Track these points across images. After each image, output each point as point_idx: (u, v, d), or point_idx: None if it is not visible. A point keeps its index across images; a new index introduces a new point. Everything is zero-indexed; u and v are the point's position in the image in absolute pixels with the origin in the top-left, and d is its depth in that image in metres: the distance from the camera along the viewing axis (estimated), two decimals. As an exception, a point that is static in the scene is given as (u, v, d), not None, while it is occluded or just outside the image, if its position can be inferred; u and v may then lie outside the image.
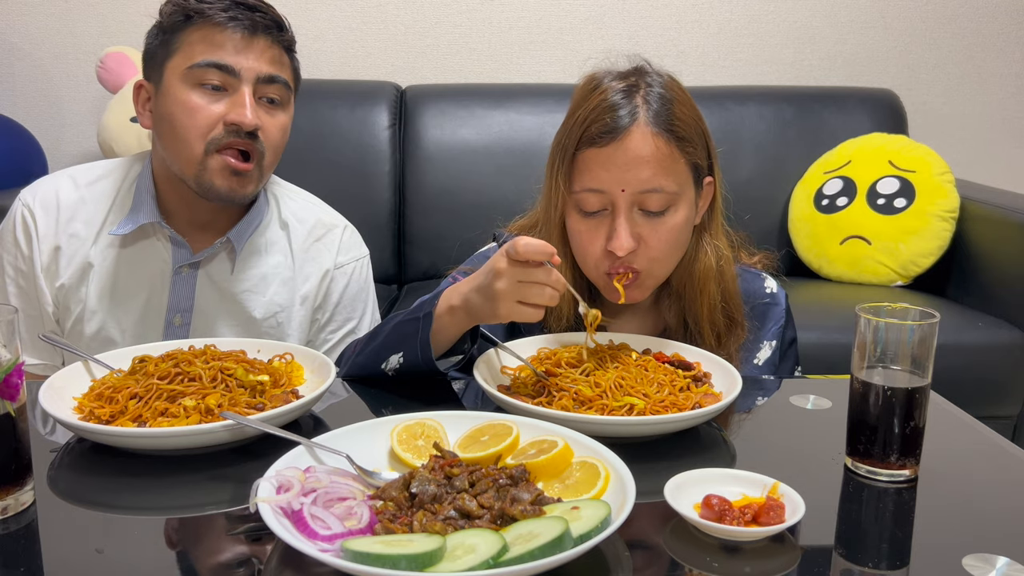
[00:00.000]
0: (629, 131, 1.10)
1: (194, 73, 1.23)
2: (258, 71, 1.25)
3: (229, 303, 1.35)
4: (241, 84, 1.24)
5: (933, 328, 0.86)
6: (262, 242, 1.38)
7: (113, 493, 0.84)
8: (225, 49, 1.23)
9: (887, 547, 0.77)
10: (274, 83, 1.27)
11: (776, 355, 1.28)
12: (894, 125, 2.65)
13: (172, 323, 1.33)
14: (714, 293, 1.20)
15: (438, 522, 0.71)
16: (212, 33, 1.23)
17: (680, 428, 0.95)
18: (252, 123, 1.23)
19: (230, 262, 1.35)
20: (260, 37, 1.25)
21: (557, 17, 2.82)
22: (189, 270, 1.33)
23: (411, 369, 1.07)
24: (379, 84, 2.65)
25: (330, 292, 1.42)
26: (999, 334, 2.05)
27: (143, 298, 1.33)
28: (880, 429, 0.87)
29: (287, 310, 1.39)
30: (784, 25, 2.88)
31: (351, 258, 1.45)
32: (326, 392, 0.99)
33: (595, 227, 1.15)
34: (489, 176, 2.50)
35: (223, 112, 1.24)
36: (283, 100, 1.30)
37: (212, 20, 1.23)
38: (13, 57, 2.74)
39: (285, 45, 1.30)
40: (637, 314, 1.27)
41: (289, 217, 1.41)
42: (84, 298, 1.31)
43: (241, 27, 1.24)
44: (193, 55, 1.23)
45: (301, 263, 1.40)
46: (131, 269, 1.32)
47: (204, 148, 1.24)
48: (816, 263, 2.48)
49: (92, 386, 1.00)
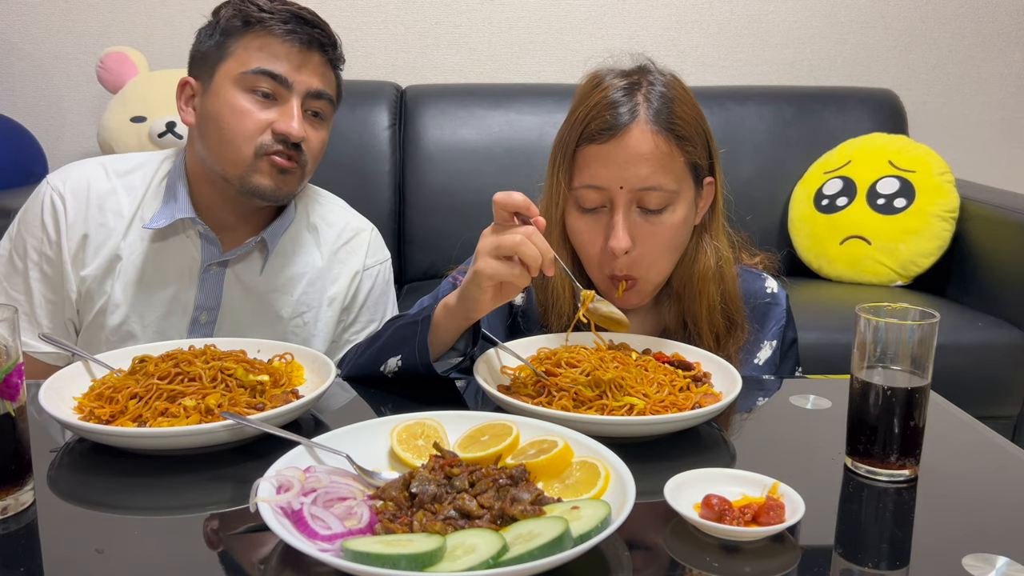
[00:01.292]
0: (629, 128, 1.10)
1: (247, 79, 1.26)
2: (309, 85, 1.28)
3: (256, 302, 1.37)
4: (291, 96, 1.27)
5: (933, 328, 0.86)
6: (290, 244, 1.40)
7: (113, 493, 0.84)
8: (281, 60, 1.26)
9: (887, 547, 0.77)
10: (321, 99, 1.31)
11: (776, 355, 1.28)
12: (894, 125, 2.65)
13: (198, 320, 1.34)
14: (713, 294, 1.20)
15: (438, 522, 0.71)
16: (270, 43, 1.26)
17: (680, 428, 0.95)
18: (299, 135, 1.26)
19: (261, 261, 1.37)
20: (315, 53, 1.29)
21: (557, 17, 2.82)
22: (218, 268, 1.34)
23: (410, 372, 1.07)
24: (379, 84, 2.65)
25: (358, 293, 1.45)
26: (999, 334, 2.05)
27: (169, 294, 1.33)
28: (880, 429, 0.87)
29: (314, 310, 1.40)
30: (784, 25, 2.88)
31: (377, 261, 1.48)
32: (326, 392, 0.99)
33: (594, 225, 1.15)
34: (489, 176, 2.50)
35: (271, 120, 1.26)
36: (326, 115, 1.34)
37: (271, 31, 1.26)
38: (13, 57, 2.74)
39: (334, 64, 1.34)
40: (637, 315, 1.27)
41: (318, 220, 1.44)
42: (109, 290, 1.32)
43: (299, 41, 1.27)
44: (249, 61, 1.26)
45: (329, 264, 1.42)
46: (159, 264, 1.33)
47: (253, 151, 1.26)
48: (816, 263, 2.48)
49: (92, 386, 1.00)
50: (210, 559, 0.73)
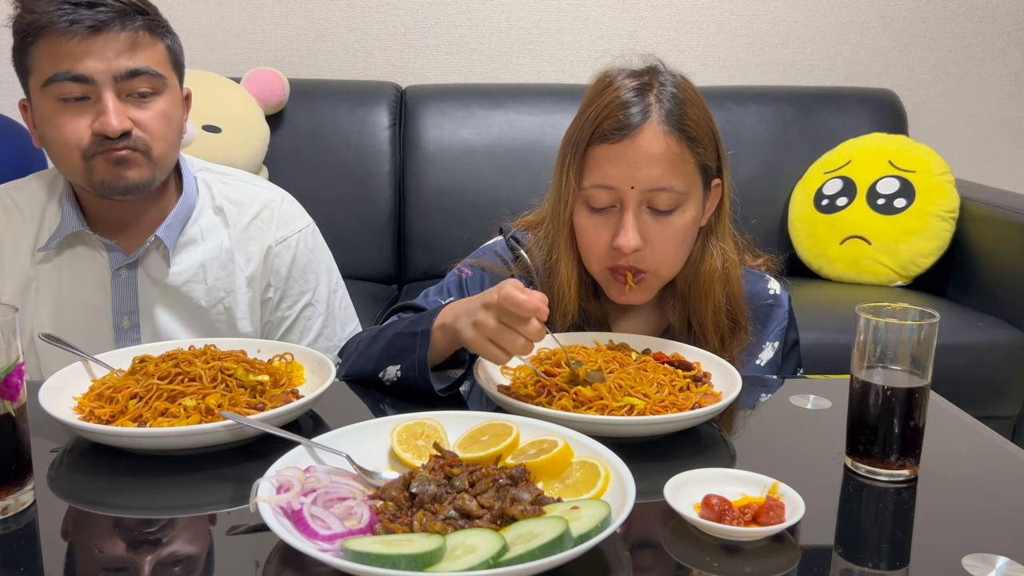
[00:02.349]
0: (641, 129, 1.10)
1: (51, 90, 1.18)
2: (114, 70, 1.18)
3: (172, 297, 1.33)
4: (101, 89, 1.18)
5: (933, 328, 0.86)
6: (196, 231, 1.35)
7: (113, 493, 0.84)
8: (74, 56, 1.16)
9: (887, 547, 0.77)
10: (138, 75, 1.20)
11: (778, 356, 1.28)
12: (894, 125, 2.65)
13: (121, 326, 1.31)
14: (719, 296, 1.20)
15: (438, 522, 0.71)
16: (58, 42, 1.16)
17: (680, 428, 0.95)
18: (117, 129, 1.18)
19: (164, 257, 1.32)
20: (112, 31, 1.17)
21: (557, 17, 2.82)
22: (127, 271, 1.31)
23: (409, 384, 1.07)
24: (379, 84, 2.65)
25: (277, 269, 1.39)
26: (999, 334, 2.05)
27: (88, 305, 1.31)
28: (880, 429, 0.87)
29: (232, 294, 1.36)
30: (784, 25, 2.88)
31: (292, 230, 1.41)
32: (326, 392, 0.99)
33: (602, 224, 1.15)
34: (489, 176, 2.50)
35: (89, 123, 1.19)
36: (156, 88, 1.23)
37: (53, 28, 1.16)
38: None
39: (145, 30, 1.21)
40: (641, 314, 1.27)
41: (223, 201, 1.38)
42: (33, 314, 1.30)
43: (84, 27, 1.16)
44: (45, 70, 1.18)
45: (240, 243, 1.37)
46: (71, 279, 1.30)
47: (80, 157, 1.20)
48: (816, 263, 2.48)
49: (92, 386, 1.00)
50: (210, 559, 0.73)
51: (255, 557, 0.72)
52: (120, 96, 1.20)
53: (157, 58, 1.23)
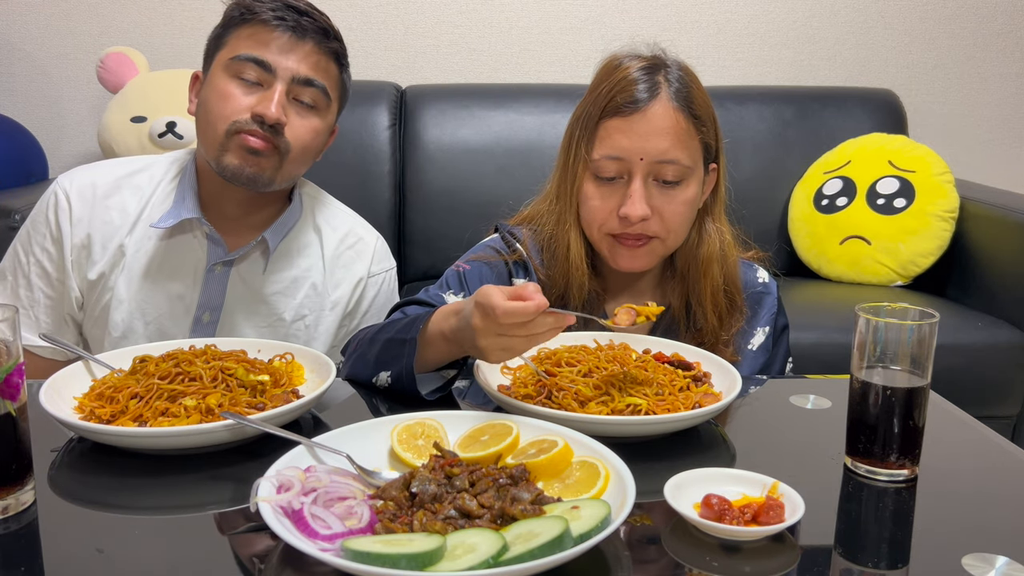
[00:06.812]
0: (651, 103, 1.17)
1: (234, 65, 1.27)
2: (295, 72, 1.27)
3: (259, 303, 1.37)
4: (276, 81, 1.27)
5: (933, 328, 0.86)
6: (294, 245, 1.40)
7: (113, 493, 0.84)
8: (268, 48, 1.27)
9: (887, 547, 0.77)
10: (311, 87, 1.29)
11: (769, 341, 1.31)
12: (894, 125, 2.65)
13: (201, 320, 1.35)
14: (717, 275, 1.25)
15: (438, 522, 0.71)
16: (260, 31, 1.27)
17: (680, 428, 0.95)
18: (275, 116, 1.25)
19: (263, 262, 1.37)
20: (307, 41, 1.28)
21: (557, 17, 2.82)
22: (223, 268, 1.35)
23: (400, 390, 1.07)
24: (379, 84, 2.65)
25: (362, 299, 1.45)
26: (999, 334, 2.05)
27: (174, 292, 1.34)
28: (879, 429, 0.87)
29: (316, 314, 1.41)
30: (784, 25, 2.88)
31: (383, 268, 1.49)
32: (326, 392, 0.99)
33: (609, 193, 1.20)
34: (489, 176, 2.50)
35: (252, 104, 1.26)
36: (318, 105, 1.32)
37: (260, 19, 1.27)
38: (13, 57, 2.74)
39: (332, 54, 1.32)
40: (644, 295, 1.30)
41: (322, 223, 1.44)
42: (113, 286, 1.33)
43: (287, 28, 1.27)
44: (238, 49, 1.28)
45: (332, 269, 1.42)
46: (165, 262, 1.34)
47: (226, 130, 1.26)
48: (816, 263, 2.48)
49: (93, 386, 1.00)
50: (210, 559, 0.73)
51: (255, 557, 0.72)
52: (287, 96, 1.28)
53: (331, 82, 1.33)
